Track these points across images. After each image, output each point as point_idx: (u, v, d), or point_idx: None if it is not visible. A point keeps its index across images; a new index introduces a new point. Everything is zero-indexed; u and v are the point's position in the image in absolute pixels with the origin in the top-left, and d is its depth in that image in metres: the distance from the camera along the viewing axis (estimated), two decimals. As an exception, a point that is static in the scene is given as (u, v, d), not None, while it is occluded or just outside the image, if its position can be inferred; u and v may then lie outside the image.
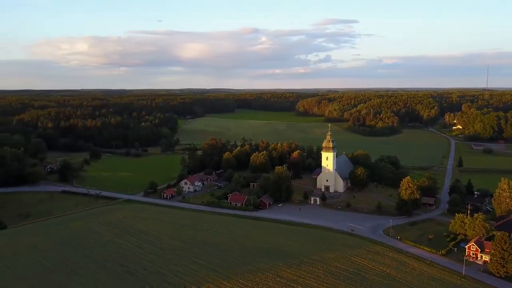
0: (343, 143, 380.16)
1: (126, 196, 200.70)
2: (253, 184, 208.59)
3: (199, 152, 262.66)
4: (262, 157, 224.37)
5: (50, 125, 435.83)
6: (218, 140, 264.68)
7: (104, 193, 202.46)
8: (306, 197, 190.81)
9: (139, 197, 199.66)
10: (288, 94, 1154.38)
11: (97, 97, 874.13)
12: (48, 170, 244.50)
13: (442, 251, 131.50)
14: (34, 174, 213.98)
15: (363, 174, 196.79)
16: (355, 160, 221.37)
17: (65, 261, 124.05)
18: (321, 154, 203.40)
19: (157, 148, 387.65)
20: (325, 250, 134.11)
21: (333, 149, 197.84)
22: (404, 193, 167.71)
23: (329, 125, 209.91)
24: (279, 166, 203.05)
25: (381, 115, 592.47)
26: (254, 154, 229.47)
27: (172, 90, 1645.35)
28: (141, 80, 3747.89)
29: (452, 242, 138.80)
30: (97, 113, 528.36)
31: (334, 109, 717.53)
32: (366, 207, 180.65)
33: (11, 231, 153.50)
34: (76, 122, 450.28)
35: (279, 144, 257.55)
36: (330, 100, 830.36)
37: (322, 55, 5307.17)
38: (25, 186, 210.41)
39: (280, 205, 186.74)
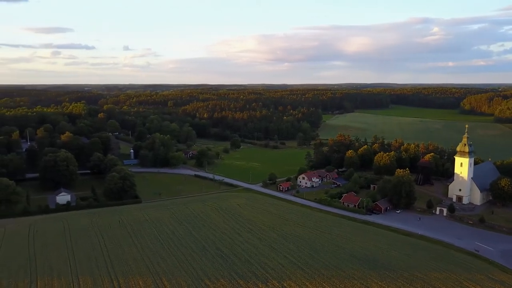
0: (508, 148, 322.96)
1: (246, 185, 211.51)
2: (374, 186, 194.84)
3: (325, 148, 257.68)
4: (387, 157, 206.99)
5: (205, 115, 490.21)
6: (346, 137, 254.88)
7: (227, 180, 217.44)
8: (430, 206, 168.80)
9: (257, 187, 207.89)
10: (453, 90, 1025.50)
11: (253, 91, 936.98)
12: (190, 155, 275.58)
13: None
14: (176, 158, 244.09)
15: (509, 186, 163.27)
16: (504, 169, 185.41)
17: (173, 237, 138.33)
18: (454, 159, 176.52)
19: (295, 141, 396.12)
20: (434, 268, 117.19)
21: (469, 154, 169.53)
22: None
23: (466, 125, 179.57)
24: (407, 168, 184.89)
25: None
26: (379, 154, 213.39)
27: (331, 84, 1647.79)
28: (303, 75, 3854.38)
29: None
30: (247, 106, 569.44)
31: (508, 108, 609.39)
32: (506, 226, 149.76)
33: (144, 205, 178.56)
34: (228, 114, 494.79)
35: (412, 145, 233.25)
36: (505, 97, 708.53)
37: (509, 45, 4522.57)
38: (167, 168, 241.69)
39: (398, 211, 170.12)
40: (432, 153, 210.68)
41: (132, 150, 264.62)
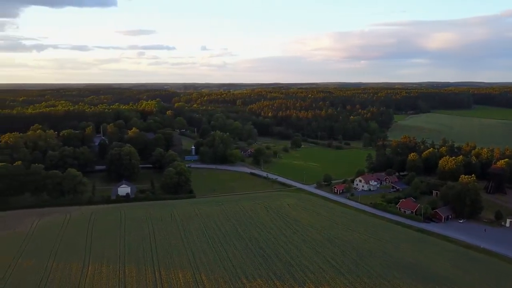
0: None
1: (299, 185, 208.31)
2: (436, 193, 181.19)
3: (388, 150, 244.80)
4: (453, 162, 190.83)
5: (270, 114, 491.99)
6: (411, 139, 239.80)
7: (281, 179, 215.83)
8: (499, 216, 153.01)
9: (310, 188, 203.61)
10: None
11: (323, 90, 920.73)
12: (249, 153, 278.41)
13: None
14: (233, 156, 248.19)
15: None
16: None
17: (219, 233, 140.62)
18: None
19: (361, 142, 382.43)
20: (493, 286, 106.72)
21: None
22: None
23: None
24: (473, 175, 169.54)
25: None
26: (444, 158, 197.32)
27: (410, 83, 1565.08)
28: (380, 73, 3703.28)
29: None
30: (313, 105, 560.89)
31: None
32: None
33: (197, 200, 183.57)
34: (292, 113, 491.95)
35: (484, 149, 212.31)
36: None
37: None
38: (225, 165, 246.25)
39: (461, 221, 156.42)
40: (507, 159, 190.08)
41: (193, 147, 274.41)
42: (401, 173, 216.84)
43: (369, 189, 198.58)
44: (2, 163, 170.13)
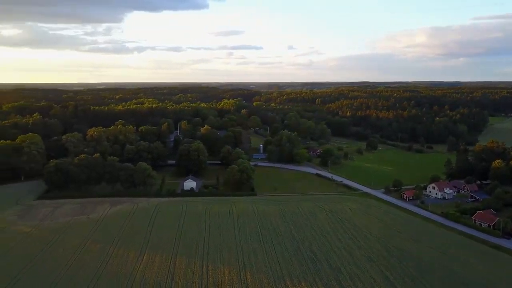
0: None
1: (366, 189, 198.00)
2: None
3: (471, 155, 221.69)
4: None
5: (348, 114, 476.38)
6: (500, 144, 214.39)
7: (347, 182, 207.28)
8: None
9: (377, 193, 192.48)
10: None
11: (410, 89, 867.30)
12: (317, 153, 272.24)
13: None
14: (300, 156, 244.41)
15: None
16: None
17: (273, 233, 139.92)
18: None
19: (446, 145, 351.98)
20: None
21: None
22: None
23: None
24: None
25: None
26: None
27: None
28: (481, 71, 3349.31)
29: None
30: (396, 105, 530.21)
31: None
32: None
33: (257, 198, 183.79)
34: (372, 112, 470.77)
35: None
36: None
37: None
38: (291, 165, 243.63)
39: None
40: None
41: (261, 145, 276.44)
42: (483, 182, 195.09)
43: (443, 197, 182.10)
44: (84, 155, 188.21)
